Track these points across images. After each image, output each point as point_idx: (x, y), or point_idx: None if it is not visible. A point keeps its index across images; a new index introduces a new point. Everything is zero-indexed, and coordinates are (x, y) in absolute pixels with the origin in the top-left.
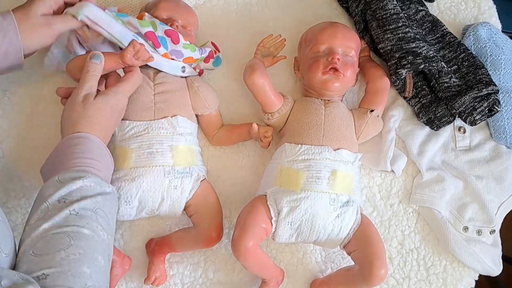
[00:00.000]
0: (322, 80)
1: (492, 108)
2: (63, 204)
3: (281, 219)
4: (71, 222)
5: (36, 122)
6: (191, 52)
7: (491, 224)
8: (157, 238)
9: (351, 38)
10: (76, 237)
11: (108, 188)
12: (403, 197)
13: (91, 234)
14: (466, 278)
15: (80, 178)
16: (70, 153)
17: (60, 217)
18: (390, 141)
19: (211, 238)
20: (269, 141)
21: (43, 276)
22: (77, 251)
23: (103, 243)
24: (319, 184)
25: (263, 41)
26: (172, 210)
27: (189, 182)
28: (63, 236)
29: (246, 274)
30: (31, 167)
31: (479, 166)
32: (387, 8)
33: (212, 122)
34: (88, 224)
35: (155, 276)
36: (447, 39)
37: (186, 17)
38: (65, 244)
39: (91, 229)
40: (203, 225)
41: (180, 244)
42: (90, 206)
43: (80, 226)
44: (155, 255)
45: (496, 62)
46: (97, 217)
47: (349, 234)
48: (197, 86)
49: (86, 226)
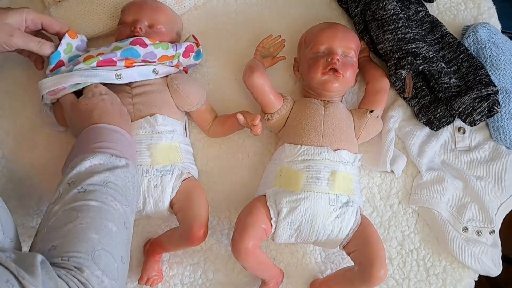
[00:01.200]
0: (321, 81)
1: (491, 108)
2: (72, 185)
3: (281, 220)
4: (79, 198)
5: (36, 123)
6: (163, 51)
7: (491, 225)
8: (152, 239)
9: (350, 38)
10: (83, 210)
11: (121, 162)
12: (403, 198)
13: (100, 204)
14: (465, 279)
15: (86, 159)
16: (77, 146)
17: (68, 197)
18: (389, 141)
19: (195, 236)
20: (258, 128)
21: (52, 248)
22: (84, 221)
23: (116, 212)
24: (319, 184)
25: (262, 42)
26: (157, 209)
27: (169, 180)
28: (71, 211)
29: (246, 275)
30: (31, 168)
31: (479, 167)
32: (386, 8)
33: (203, 117)
34: (96, 197)
35: (148, 276)
36: (447, 39)
37: (153, 16)
38: (73, 217)
39: (100, 200)
40: (186, 223)
41: (170, 244)
42: (99, 181)
43: (87, 199)
44: (149, 256)
45: (496, 63)
46: (107, 189)
47: (349, 235)
48: (176, 84)
49: (93, 199)
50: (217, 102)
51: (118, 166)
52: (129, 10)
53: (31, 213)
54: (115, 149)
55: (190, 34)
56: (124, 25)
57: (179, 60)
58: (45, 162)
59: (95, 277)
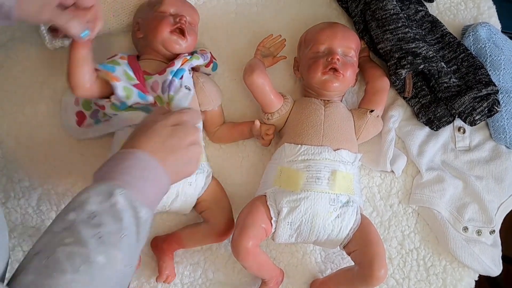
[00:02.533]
0: (321, 80)
1: (491, 108)
2: (90, 221)
3: (281, 219)
4: (89, 244)
5: (35, 123)
6: (197, 61)
7: (491, 224)
8: (163, 235)
9: (350, 38)
10: (87, 262)
11: (143, 212)
12: (403, 197)
13: (104, 263)
14: (466, 278)
15: (114, 193)
16: (116, 165)
17: (81, 235)
18: (389, 141)
19: (224, 232)
20: (270, 139)
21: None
22: (82, 279)
23: (115, 276)
24: (319, 184)
25: (263, 41)
26: (184, 206)
27: (202, 179)
28: (75, 257)
29: (246, 274)
30: (31, 168)
31: (479, 166)
32: (386, 8)
33: (214, 118)
34: (106, 252)
35: (168, 273)
36: (447, 39)
37: (192, 14)
38: (74, 267)
39: (108, 257)
40: (215, 220)
41: (191, 240)
42: (117, 230)
43: (96, 251)
44: (165, 252)
45: (496, 62)
46: (121, 245)
47: (349, 235)
48: (202, 81)
49: (103, 253)
50: None
51: (139, 217)
52: (171, 2)
53: (30, 213)
54: (146, 193)
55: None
56: (163, 14)
57: (200, 68)
58: (45, 162)
59: None
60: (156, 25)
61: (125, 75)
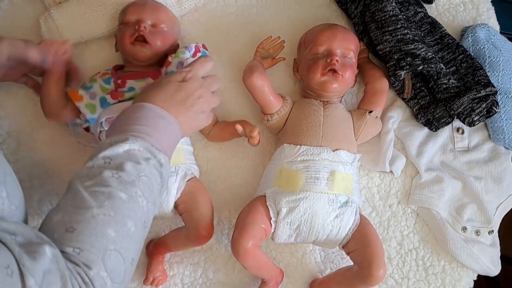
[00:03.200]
0: (321, 82)
1: (490, 109)
2: (107, 165)
3: (280, 220)
4: (111, 183)
5: (37, 124)
6: (183, 55)
7: (490, 225)
8: (155, 239)
9: (350, 39)
10: (110, 198)
11: (159, 155)
12: (402, 198)
13: (127, 198)
14: (464, 278)
15: (127, 140)
16: (126, 117)
17: (102, 177)
18: (389, 142)
19: (201, 236)
20: (256, 140)
21: (71, 229)
22: (107, 212)
23: (140, 210)
24: (318, 184)
25: (262, 43)
26: (161, 210)
27: (174, 182)
28: (100, 195)
29: (246, 274)
30: (31, 169)
31: (478, 167)
32: (386, 9)
33: None
34: (127, 189)
35: (153, 276)
36: (446, 40)
37: (154, 14)
38: (100, 202)
39: (129, 194)
40: (192, 223)
41: (174, 244)
42: (134, 171)
43: (117, 188)
44: (153, 256)
45: (495, 64)
46: (140, 183)
47: (348, 235)
48: None
49: (124, 190)
50: None
51: (155, 159)
52: (132, 10)
53: (31, 213)
54: (159, 140)
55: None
56: (126, 25)
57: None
58: (46, 163)
59: (100, 277)
60: (120, 39)
61: (101, 88)
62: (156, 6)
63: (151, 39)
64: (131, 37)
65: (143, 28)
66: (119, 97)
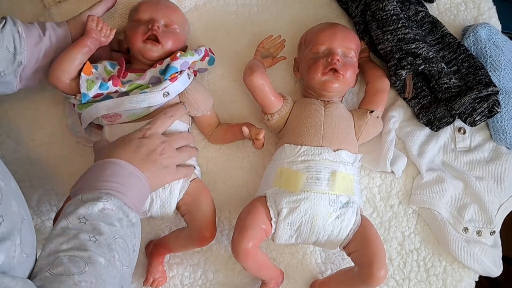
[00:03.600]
0: (321, 81)
1: (492, 109)
2: (83, 225)
3: (281, 220)
4: (89, 247)
5: (36, 125)
6: (192, 57)
7: (491, 225)
8: (155, 240)
9: (350, 39)
10: (90, 263)
11: (131, 215)
12: (403, 198)
13: (106, 264)
14: (466, 279)
15: (101, 199)
16: (96, 173)
17: (79, 241)
18: (390, 142)
19: (204, 237)
20: (261, 142)
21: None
22: (89, 279)
23: (118, 275)
24: (319, 185)
25: (262, 42)
26: (163, 210)
27: (177, 182)
28: (79, 260)
29: (246, 275)
30: (31, 168)
31: (479, 167)
32: (387, 9)
33: (207, 122)
34: (105, 254)
35: (153, 277)
36: (447, 40)
37: (168, 15)
38: (80, 269)
39: (107, 258)
40: (195, 224)
41: (175, 245)
42: (110, 234)
43: (96, 253)
44: (153, 257)
45: (496, 63)
46: (116, 246)
47: (349, 235)
48: (186, 89)
49: (102, 255)
50: (217, 103)
51: (127, 219)
52: (144, 8)
53: (31, 213)
54: (130, 198)
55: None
56: (138, 22)
57: (194, 64)
58: (45, 163)
59: None
60: (131, 36)
61: (105, 69)
62: (169, 6)
63: (164, 39)
64: (144, 35)
65: (157, 27)
66: (118, 85)
